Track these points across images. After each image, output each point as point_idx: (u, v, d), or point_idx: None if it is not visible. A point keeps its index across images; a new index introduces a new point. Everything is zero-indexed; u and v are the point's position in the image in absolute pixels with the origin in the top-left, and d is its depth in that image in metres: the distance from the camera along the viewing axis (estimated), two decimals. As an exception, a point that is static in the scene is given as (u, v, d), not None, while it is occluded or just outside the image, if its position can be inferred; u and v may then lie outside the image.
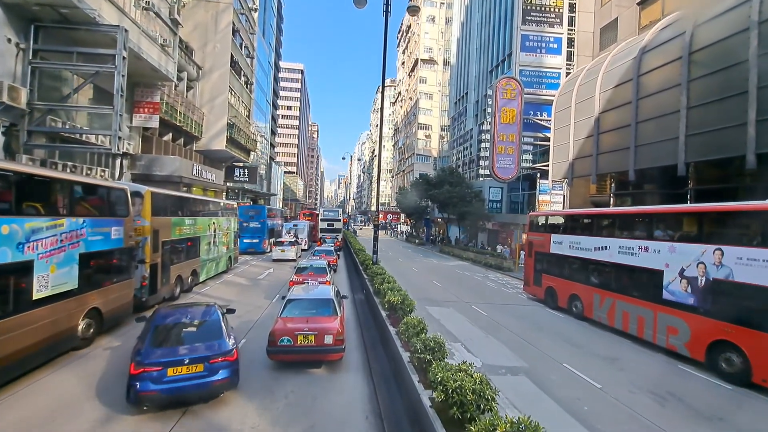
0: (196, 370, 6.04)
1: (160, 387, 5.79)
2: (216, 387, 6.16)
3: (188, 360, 6.05)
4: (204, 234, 16.76)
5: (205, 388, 6.08)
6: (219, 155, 33.17)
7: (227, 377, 6.23)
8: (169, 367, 5.90)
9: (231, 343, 6.56)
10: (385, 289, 10.10)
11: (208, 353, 6.21)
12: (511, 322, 12.78)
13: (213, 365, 6.13)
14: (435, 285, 19.53)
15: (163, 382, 5.83)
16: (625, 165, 18.50)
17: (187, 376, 5.98)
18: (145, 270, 11.81)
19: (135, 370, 5.80)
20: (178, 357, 6.07)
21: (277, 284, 17.48)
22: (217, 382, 6.13)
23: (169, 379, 5.87)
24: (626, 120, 18.42)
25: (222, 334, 6.71)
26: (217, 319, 7.09)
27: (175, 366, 5.95)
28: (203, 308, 7.52)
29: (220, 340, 6.55)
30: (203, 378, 6.05)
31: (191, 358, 6.07)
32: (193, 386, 5.98)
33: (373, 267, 14.01)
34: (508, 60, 36.11)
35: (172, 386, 5.86)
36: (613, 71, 19.71)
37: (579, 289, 13.91)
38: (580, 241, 14.01)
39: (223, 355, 6.26)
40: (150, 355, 6.02)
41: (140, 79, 21.96)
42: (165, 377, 5.85)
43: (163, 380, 5.83)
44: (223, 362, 6.22)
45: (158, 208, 12.76)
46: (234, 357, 6.40)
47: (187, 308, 7.57)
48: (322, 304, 8.59)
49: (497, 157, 27.62)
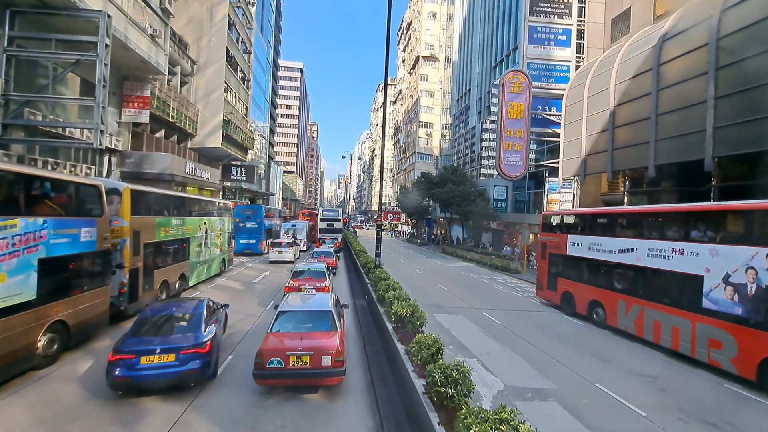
0: (167, 360, 6.39)
1: (133, 374, 6.20)
2: (185, 376, 6.45)
3: (159, 350, 6.41)
4: (194, 235, 15.61)
5: (175, 377, 6.37)
6: (215, 153, 32.03)
7: (197, 368, 6.50)
8: (142, 356, 6.30)
9: (206, 336, 6.88)
10: (391, 297, 8.95)
11: (180, 344, 6.58)
12: (528, 332, 11.62)
13: (184, 356, 6.45)
14: (441, 289, 18.37)
15: (136, 369, 6.22)
16: (644, 160, 17.35)
17: (158, 365, 6.33)
18: (124, 275, 10.64)
19: (112, 357, 6.28)
20: (150, 347, 6.45)
21: (273, 289, 16.34)
22: (187, 372, 6.43)
23: (141, 366, 6.25)
24: (645, 112, 17.27)
25: (199, 327, 7.10)
26: (199, 314, 7.48)
27: (148, 355, 6.34)
28: (194, 303, 8.01)
29: (197, 332, 6.95)
30: (174, 368, 6.37)
31: (162, 348, 6.44)
32: (163, 374, 6.32)
33: (376, 271, 12.85)
34: (513, 55, 34.95)
35: (144, 374, 6.25)
36: (630, 61, 18.56)
37: (601, 294, 12.75)
38: (601, 242, 12.85)
39: (195, 347, 6.58)
40: (127, 344, 6.50)
41: (129, 72, 20.87)
42: (138, 365, 6.25)
43: (136, 368, 6.23)
44: (194, 353, 6.52)
45: (140, 207, 11.60)
46: (206, 349, 6.67)
47: (177, 303, 8.17)
48: (319, 317, 7.42)
49: (504, 153, 26.42)
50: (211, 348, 6.79)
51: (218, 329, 7.89)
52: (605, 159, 19.65)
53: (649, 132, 16.83)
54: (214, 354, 7.07)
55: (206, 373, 6.71)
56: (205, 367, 6.61)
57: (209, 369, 6.78)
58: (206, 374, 6.72)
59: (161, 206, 13.26)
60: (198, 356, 6.53)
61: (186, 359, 6.44)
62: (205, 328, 7.14)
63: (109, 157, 20.67)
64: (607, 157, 19.50)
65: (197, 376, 6.57)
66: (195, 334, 6.87)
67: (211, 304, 8.44)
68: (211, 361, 6.86)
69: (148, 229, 11.97)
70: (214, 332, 7.29)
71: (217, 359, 7.34)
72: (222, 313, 9.29)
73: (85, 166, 18.31)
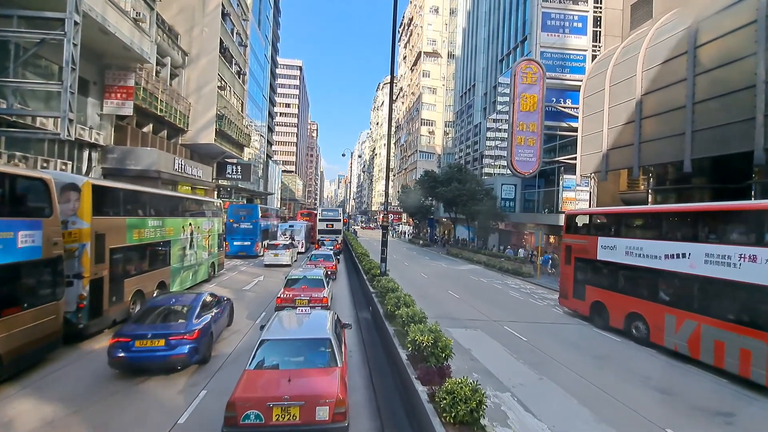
0: (157, 344, 7.12)
1: (128, 355, 6.94)
2: (173, 360, 7.13)
3: (151, 335, 7.19)
4: (176, 237, 13.88)
5: (164, 360, 7.09)
6: (208, 150, 30.29)
7: (184, 353, 7.15)
8: (136, 340, 7.06)
9: (196, 325, 7.62)
10: (404, 316, 7.24)
11: (170, 331, 7.32)
12: (561, 352, 9.89)
13: (172, 341, 7.16)
14: (451, 296, 16.65)
15: (131, 351, 6.96)
16: (678, 154, 15.63)
17: (149, 348, 7.06)
18: (83, 287, 8.92)
19: (112, 341, 7.12)
20: (144, 332, 7.23)
21: (266, 297, 14.63)
22: (175, 356, 7.10)
23: (135, 349, 6.99)
24: (679, 100, 15.56)
25: (191, 317, 7.84)
26: (194, 305, 8.24)
27: (141, 339, 7.09)
28: (192, 296, 8.89)
29: (188, 322, 7.70)
30: (163, 351, 7.07)
31: (153, 334, 7.22)
32: (153, 357, 7.06)
33: (383, 279, 11.11)
34: (521, 47, 33.23)
35: (137, 355, 6.98)
36: (660, 45, 16.84)
37: (642, 306, 11.02)
38: (642, 246, 11.12)
39: (183, 334, 7.31)
40: (126, 329, 7.33)
41: (111, 61, 19.17)
42: (132, 347, 6.99)
43: (131, 350, 6.97)
44: (182, 340, 7.23)
45: (105, 206, 9.89)
46: (194, 336, 7.39)
47: (177, 295, 9.25)
48: (314, 346, 5.71)
49: (516, 149, 24.65)
50: (199, 335, 7.52)
51: (220, 319, 9.19)
52: (631, 153, 17.92)
53: (685, 122, 15.11)
54: (203, 342, 7.71)
55: (193, 358, 7.36)
56: (192, 352, 7.29)
57: (196, 354, 7.43)
58: (193, 359, 7.36)
59: (134, 205, 11.53)
60: (186, 342, 7.26)
61: (175, 344, 7.16)
62: (196, 318, 7.92)
63: (89, 152, 18.98)
64: (633, 151, 17.76)
65: (184, 361, 7.25)
66: (186, 323, 7.67)
67: (210, 298, 9.12)
68: (199, 348, 7.51)
69: (116, 232, 10.24)
70: (207, 322, 8.13)
71: (209, 347, 8.17)
72: (226, 304, 10.10)
73: (61, 161, 16.62)
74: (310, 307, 10.81)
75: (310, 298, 10.95)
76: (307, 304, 10.70)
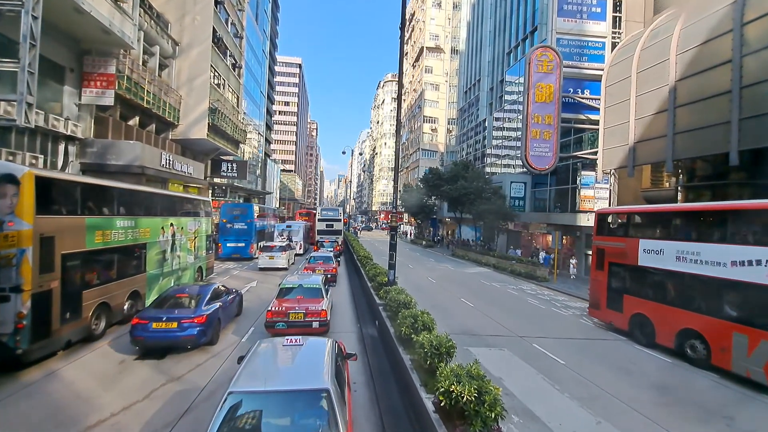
0: (171, 326, 8.26)
1: (146, 334, 8.13)
2: (183, 341, 8.29)
3: (165, 318, 8.32)
4: (153, 240, 12.12)
5: (176, 340, 8.26)
6: (201, 146, 28.50)
7: (193, 334, 8.30)
8: (153, 322, 8.23)
9: (204, 311, 8.74)
10: (426, 345, 5.50)
11: (182, 315, 8.46)
12: (610, 380, 8.12)
13: (183, 324, 8.32)
14: (465, 305, 14.90)
15: (149, 332, 8.14)
16: (721, 145, 13.87)
17: (164, 329, 8.22)
18: (23, 303, 7.17)
19: (134, 321, 8.33)
20: (159, 315, 8.38)
21: (258, 307, 12.89)
22: (185, 337, 8.26)
23: (152, 330, 8.17)
24: (723, 85, 13.82)
25: (201, 304, 8.98)
26: (204, 294, 9.38)
27: (157, 322, 8.25)
28: (204, 286, 10.04)
29: (197, 308, 8.83)
30: (175, 332, 8.24)
31: (168, 317, 8.35)
32: (167, 337, 8.22)
33: (392, 291, 9.34)
34: (531, 37, 31.45)
35: (153, 335, 8.16)
36: (697, 26, 15.08)
37: (700, 322, 9.28)
38: (700, 250, 9.38)
39: (192, 318, 8.45)
40: (146, 313, 8.60)
41: (90, 46, 17.44)
42: (150, 329, 8.17)
43: (149, 330, 8.15)
44: (192, 323, 8.38)
45: (55, 203, 8.15)
46: (202, 320, 8.53)
47: (191, 286, 10.75)
48: (305, 403, 3.94)
49: (531, 143, 22.83)
50: (206, 320, 8.58)
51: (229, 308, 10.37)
52: (663, 146, 16.16)
53: (731, 109, 13.36)
54: (211, 325, 8.77)
55: (201, 339, 8.40)
56: (200, 334, 8.34)
57: (204, 336, 8.49)
58: (201, 340, 8.41)
59: (98, 202, 9.76)
60: (195, 325, 8.32)
61: (185, 327, 8.23)
62: (206, 305, 8.98)
63: (65, 145, 17.24)
64: (666, 144, 15.99)
65: (193, 341, 8.29)
66: (195, 309, 8.71)
67: (220, 288, 10.36)
68: (207, 331, 8.57)
69: (72, 234, 8.48)
70: (215, 309, 9.19)
71: (217, 331, 9.26)
72: (235, 296, 11.27)
73: (31, 155, 14.89)
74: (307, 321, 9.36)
75: (307, 311, 9.42)
76: (302, 318, 9.31)
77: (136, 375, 7.44)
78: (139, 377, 7.33)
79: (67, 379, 7.18)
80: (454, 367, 4.54)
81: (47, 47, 15.24)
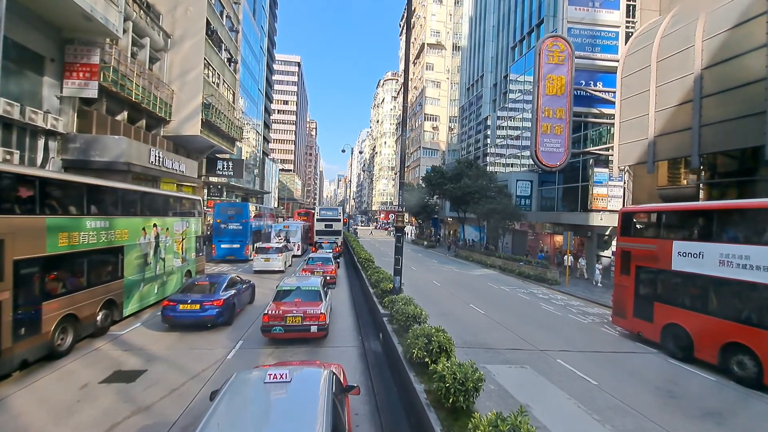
0: (194, 308, 9.84)
1: (174, 314, 9.76)
2: (205, 320, 9.90)
3: (190, 300, 9.92)
4: (132, 242, 10.95)
5: (198, 318, 9.87)
6: (194, 143, 27.30)
7: (213, 315, 9.90)
8: (180, 304, 9.85)
9: (222, 296, 10.37)
10: (448, 378, 4.34)
11: (203, 299, 10.05)
12: (655, 406, 6.95)
13: (205, 306, 9.88)
14: (476, 312, 13.73)
15: (177, 312, 9.77)
16: (756, 138, 12.71)
17: (189, 310, 9.81)
18: (-40, 320, 6.04)
19: (165, 303, 9.95)
20: (185, 298, 10.00)
21: (249, 314, 11.74)
22: (206, 317, 9.87)
23: (179, 310, 9.79)
24: (756, 72, 12.66)
25: (219, 290, 10.57)
26: (221, 282, 10.96)
27: (183, 303, 9.85)
28: (221, 276, 11.57)
29: (216, 293, 10.42)
30: (197, 313, 9.83)
31: (192, 300, 9.96)
32: (191, 317, 9.83)
33: (398, 301, 8.17)
34: (537, 30, 30.33)
35: (180, 314, 9.77)
36: (726, 8, 13.92)
37: (750, 336, 8.11)
38: (750, 254, 8.22)
39: (212, 300, 10.07)
40: (174, 296, 10.32)
41: (72, 35, 16.34)
42: (178, 309, 9.79)
43: (177, 311, 9.77)
44: (212, 305, 9.97)
45: (4, 200, 6.99)
46: (221, 303, 10.14)
47: (210, 275, 12.24)
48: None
49: (541, 138, 21.63)
50: (224, 303, 10.28)
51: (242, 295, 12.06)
52: (688, 139, 14.99)
53: (767, 98, 12.20)
54: (228, 308, 10.49)
55: (219, 319, 10.07)
56: (218, 315, 10.02)
57: (222, 317, 10.16)
58: (219, 320, 10.08)
59: (62, 200, 8.56)
60: (214, 307, 9.99)
61: (206, 308, 9.89)
62: (223, 291, 10.66)
63: (45, 140, 16.08)
64: (691, 137, 14.81)
65: (213, 320, 9.97)
66: (214, 294, 10.41)
67: (235, 278, 12.03)
68: (224, 312, 10.27)
69: (28, 237, 7.31)
70: (231, 294, 10.91)
71: (233, 314, 10.91)
72: (248, 286, 13.00)
73: (5, 150, 13.72)
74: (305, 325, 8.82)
75: (305, 315, 8.87)
76: (300, 322, 8.79)
77: (98, 404, 6.27)
78: (100, 407, 6.17)
79: (13, 410, 6.02)
80: (491, 417, 3.38)
81: (23, 34, 14.11)
